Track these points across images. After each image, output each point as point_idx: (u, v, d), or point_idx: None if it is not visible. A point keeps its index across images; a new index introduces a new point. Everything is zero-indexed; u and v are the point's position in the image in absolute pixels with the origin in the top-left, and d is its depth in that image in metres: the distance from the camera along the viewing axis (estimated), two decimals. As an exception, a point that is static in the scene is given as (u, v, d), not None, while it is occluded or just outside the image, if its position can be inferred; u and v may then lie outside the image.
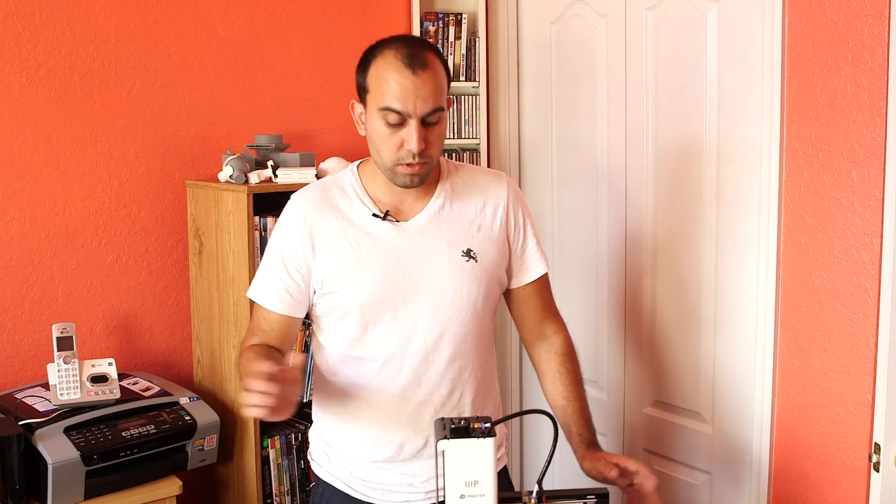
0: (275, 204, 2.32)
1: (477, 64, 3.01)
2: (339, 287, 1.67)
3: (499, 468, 1.76)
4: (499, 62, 3.00)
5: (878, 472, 1.95)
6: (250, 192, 2.37)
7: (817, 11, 2.02)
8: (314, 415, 1.85)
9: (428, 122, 1.59)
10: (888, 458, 1.93)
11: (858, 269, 1.98)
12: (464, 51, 2.99)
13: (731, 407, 2.33)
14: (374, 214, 1.69)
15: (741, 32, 2.20)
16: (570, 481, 1.75)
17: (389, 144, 1.60)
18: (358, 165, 1.76)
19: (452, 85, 2.57)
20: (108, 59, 2.53)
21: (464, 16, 2.99)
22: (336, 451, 1.78)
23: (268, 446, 2.51)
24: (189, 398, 2.37)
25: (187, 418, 2.30)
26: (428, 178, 1.67)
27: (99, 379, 2.27)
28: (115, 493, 2.19)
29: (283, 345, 1.73)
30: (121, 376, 2.41)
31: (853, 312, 2.00)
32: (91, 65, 2.50)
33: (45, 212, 2.47)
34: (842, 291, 2.02)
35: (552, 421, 1.53)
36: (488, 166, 3.02)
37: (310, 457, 1.88)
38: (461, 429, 1.40)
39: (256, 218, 2.41)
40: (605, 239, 2.67)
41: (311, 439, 1.87)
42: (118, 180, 2.58)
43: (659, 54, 2.44)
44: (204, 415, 2.34)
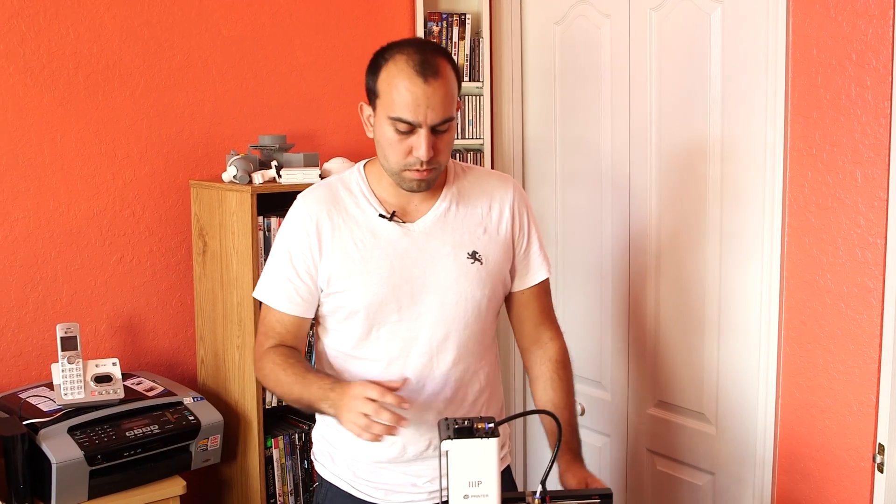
0: (279, 204, 2.32)
1: (481, 64, 3.01)
2: (345, 287, 1.67)
3: (502, 468, 1.76)
4: (502, 62, 3.00)
5: (882, 472, 1.95)
6: (254, 192, 2.37)
7: (821, 12, 2.01)
8: (317, 415, 1.84)
9: (438, 131, 1.58)
10: (892, 459, 1.93)
11: (862, 270, 1.98)
12: (468, 51, 2.99)
13: (734, 407, 2.32)
14: (380, 215, 1.68)
15: (745, 33, 2.20)
16: (574, 482, 1.75)
17: (398, 150, 1.59)
18: (364, 165, 1.76)
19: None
20: (113, 60, 2.53)
21: (468, 16, 2.99)
22: (339, 451, 1.78)
23: (271, 446, 2.51)
24: (193, 398, 2.37)
25: (191, 418, 2.30)
26: (435, 183, 1.67)
27: (103, 379, 2.28)
28: (118, 492, 2.19)
29: (299, 345, 1.73)
30: (124, 376, 2.41)
31: (857, 313, 2.00)
32: (95, 65, 2.51)
33: (49, 212, 2.47)
34: (846, 292, 2.02)
35: (556, 421, 1.53)
36: (492, 167, 3.02)
37: (313, 457, 1.88)
38: (465, 429, 1.40)
39: (260, 218, 2.42)
40: (608, 239, 2.66)
41: (314, 439, 1.87)
42: (122, 180, 2.58)
43: (663, 55, 2.44)
44: (207, 415, 2.34)
